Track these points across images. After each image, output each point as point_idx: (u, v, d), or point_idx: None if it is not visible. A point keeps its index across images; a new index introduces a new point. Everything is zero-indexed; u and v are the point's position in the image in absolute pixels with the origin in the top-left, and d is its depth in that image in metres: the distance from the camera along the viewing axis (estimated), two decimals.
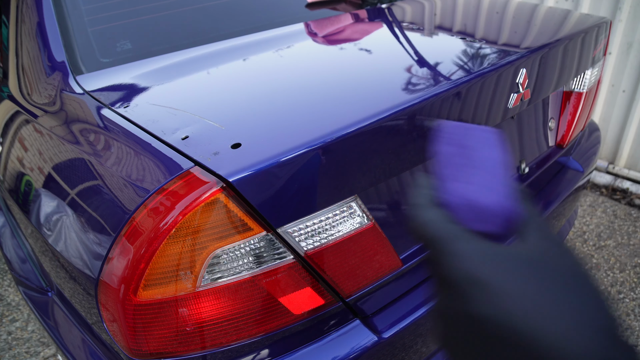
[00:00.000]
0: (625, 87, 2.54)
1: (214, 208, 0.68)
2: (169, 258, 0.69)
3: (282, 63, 1.07)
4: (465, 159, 0.36)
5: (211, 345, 0.76)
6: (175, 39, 1.19)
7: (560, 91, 1.45)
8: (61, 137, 0.94)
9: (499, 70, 0.98)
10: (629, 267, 2.05)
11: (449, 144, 0.38)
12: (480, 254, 0.31)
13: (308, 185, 0.74)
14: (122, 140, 0.82)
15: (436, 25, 1.33)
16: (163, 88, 0.97)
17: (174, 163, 0.72)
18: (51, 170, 0.94)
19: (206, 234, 0.69)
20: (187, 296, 0.72)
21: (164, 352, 0.75)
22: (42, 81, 1.11)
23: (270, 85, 0.94)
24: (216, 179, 0.67)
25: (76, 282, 0.86)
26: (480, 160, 0.36)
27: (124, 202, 0.73)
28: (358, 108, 0.81)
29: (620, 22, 2.43)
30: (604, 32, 1.41)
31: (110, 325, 0.76)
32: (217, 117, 0.81)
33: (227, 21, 1.30)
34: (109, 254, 0.72)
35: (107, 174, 0.78)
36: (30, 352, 1.77)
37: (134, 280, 0.69)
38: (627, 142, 2.60)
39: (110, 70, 1.08)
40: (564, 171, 1.50)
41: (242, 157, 0.70)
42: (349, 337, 0.87)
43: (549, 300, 0.28)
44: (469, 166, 0.36)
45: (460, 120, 0.95)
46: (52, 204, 0.91)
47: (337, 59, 1.08)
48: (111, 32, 1.16)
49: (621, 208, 2.45)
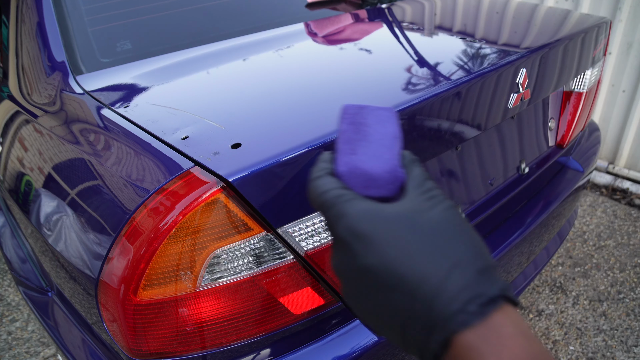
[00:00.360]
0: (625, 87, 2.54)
1: (214, 208, 0.68)
2: (169, 258, 0.69)
3: (282, 63, 1.07)
4: (359, 134, 0.40)
5: (211, 345, 0.76)
6: (175, 39, 1.19)
7: (560, 91, 1.45)
8: (61, 137, 0.94)
9: (499, 70, 0.98)
10: (629, 267, 2.05)
11: (347, 123, 0.42)
12: (363, 213, 0.34)
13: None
14: (122, 140, 0.82)
15: (436, 25, 1.33)
16: (163, 88, 0.97)
17: (174, 163, 0.72)
18: (51, 170, 0.94)
19: (206, 234, 0.69)
20: (187, 296, 0.72)
21: (164, 352, 0.75)
22: (42, 81, 1.11)
23: (270, 85, 0.94)
24: (216, 179, 0.67)
25: (76, 282, 0.86)
26: (374, 134, 0.40)
27: (124, 202, 0.73)
28: None
29: (620, 22, 2.43)
30: (604, 32, 1.41)
31: (110, 325, 0.76)
32: (217, 117, 0.81)
33: (227, 21, 1.30)
34: (109, 254, 0.72)
35: (107, 174, 0.78)
36: (30, 352, 1.77)
37: (134, 280, 0.69)
38: (627, 142, 2.60)
39: (110, 70, 1.08)
40: (564, 171, 1.50)
41: (242, 157, 0.70)
42: (349, 337, 0.87)
43: (427, 248, 0.32)
44: (362, 140, 0.40)
45: (460, 120, 0.95)
46: (52, 204, 0.91)
47: (337, 59, 1.08)
48: (111, 32, 1.16)
49: (621, 208, 2.45)
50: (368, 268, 0.33)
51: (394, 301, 0.32)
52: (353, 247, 0.33)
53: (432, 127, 0.89)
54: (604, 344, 1.70)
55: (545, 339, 1.73)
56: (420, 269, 0.31)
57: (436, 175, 1.06)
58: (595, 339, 1.72)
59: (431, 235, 0.33)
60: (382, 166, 0.38)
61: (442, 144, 0.95)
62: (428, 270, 0.31)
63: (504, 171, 1.27)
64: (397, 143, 0.40)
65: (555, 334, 1.75)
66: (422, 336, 0.30)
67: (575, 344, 1.71)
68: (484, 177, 1.21)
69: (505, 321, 0.29)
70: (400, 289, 0.31)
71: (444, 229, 0.33)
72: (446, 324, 0.29)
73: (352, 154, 0.39)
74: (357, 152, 0.39)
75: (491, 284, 0.31)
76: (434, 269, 0.31)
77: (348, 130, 0.41)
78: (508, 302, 0.31)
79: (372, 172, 0.37)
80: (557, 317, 1.82)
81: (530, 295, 1.92)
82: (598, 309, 1.85)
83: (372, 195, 0.37)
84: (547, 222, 1.35)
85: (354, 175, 0.37)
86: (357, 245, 0.33)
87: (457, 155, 1.11)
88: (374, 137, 0.40)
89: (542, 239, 1.39)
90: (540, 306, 1.87)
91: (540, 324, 1.79)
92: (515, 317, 0.30)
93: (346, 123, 0.42)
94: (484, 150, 1.19)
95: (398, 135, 0.41)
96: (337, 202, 0.35)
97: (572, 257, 2.12)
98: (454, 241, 0.33)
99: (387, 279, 0.32)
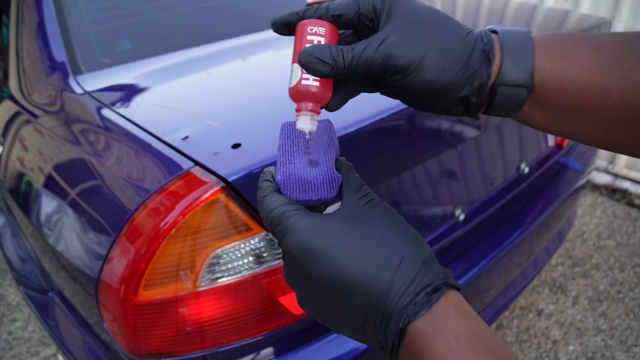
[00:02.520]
0: None
1: (214, 208, 0.68)
2: (169, 258, 0.69)
3: (282, 63, 1.07)
4: (295, 146, 0.43)
5: (211, 345, 0.77)
6: (175, 40, 1.19)
7: None
8: (61, 137, 0.94)
9: None
10: (628, 267, 2.05)
11: (284, 138, 0.44)
12: (308, 228, 0.36)
13: None
14: (123, 140, 0.82)
15: None
16: (163, 88, 0.98)
17: (174, 163, 0.72)
18: (52, 171, 0.94)
19: (206, 234, 0.69)
20: (187, 296, 0.72)
21: (164, 352, 0.75)
22: (43, 81, 1.11)
23: (270, 85, 0.94)
24: (216, 179, 0.68)
25: (76, 282, 0.86)
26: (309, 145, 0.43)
27: (124, 202, 0.73)
28: (358, 108, 0.81)
29: (619, 22, 2.44)
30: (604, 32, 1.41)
31: (110, 325, 0.76)
32: (217, 117, 0.81)
33: (227, 21, 1.30)
34: (109, 254, 0.72)
35: (108, 174, 0.79)
36: (30, 352, 1.78)
37: (134, 280, 0.69)
38: None
39: (111, 70, 1.08)
40: (564, 171, 1.50)
41: (242, 157, 0.70)
42: None
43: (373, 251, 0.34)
44: (298, 151, 0.42)
45: (460, 120, 0.95)
46: (52, 204, 0.91)
47: None
48: (111, 32, 1.16)
49: (620, 208, 2.45)
50: (320, 277, 0.35)
51: (349, 303, 0.34)
52: (303, 261, 0.35)
53: (432, 127, 0.89)
54: (604, 344, 1.71)
55: (545, 339, 1.74)
56: (369, 270, 0.34)
57: (436, 176, 1.06)
58: (594, 339, 1.73)
59: (374, 238, 0.35)
60: (317, 170, 0.40)
61: (442, 144, 0.95)
62: (377, 271, 0.33)
63: (503, 171, 1.27)
64: (332, 150, 0.43)
65: (555, 333, 1.76)
66: (380, 330, 0.33)
67: (575, 343, 1.71)
68: (484, 178, 1.21)
69: (448, 305, 0.32)
70: (353, 292, 0.34)
71: (385, 230, 0.36)
72: (399, 316, 0.32)
73: (288, 163, 0.41)
74: (293, 161, 0.41)
75: (435, 274, 0.34)
76: (381, 269, 0.34)
77: (285, 144, 0.43)
78: (451, 287, 0.34)
79: (308, 176, 0.40)
80: (556, 316, 1.83)
81: (530, 295, 1.92)
82: (598, 308, 1.85)
83: (311, 198, 0.39)
84: (546, 222, 1.35)
85: (291, 181, 0.39)
86: (307, 259, 0.35)
87: (457, 155, 1.11)
88: (309, 147, 0.43)
89: (541, 239, 1.39)
90: (540, 306, 1.87)
91: (540, 324, 1.80)
92: (457, 300, 0.34)
93: (283, 138, 0.44)
94: (483, 151, 1.19)
95: (333, 144, 0.44)
96: (282, 219, 0.37)
97: (571, 257, 2.12)
98: (396, 240, 0.35)
99: (340, 284, 0.34)
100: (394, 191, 0.94)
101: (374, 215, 0.36)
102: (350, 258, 0.34)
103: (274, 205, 0.38)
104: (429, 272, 0.34)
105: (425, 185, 1.02)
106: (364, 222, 0.36)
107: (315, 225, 0.36)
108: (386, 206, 0.38)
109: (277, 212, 0.37)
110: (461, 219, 1.11)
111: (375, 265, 0.34)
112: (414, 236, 0.36)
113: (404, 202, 0.96)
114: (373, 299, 0.33)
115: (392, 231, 0.36)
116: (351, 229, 0.35)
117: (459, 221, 1.11)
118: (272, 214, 0.37)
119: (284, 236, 0.36)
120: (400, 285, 0.33)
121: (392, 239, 0.35)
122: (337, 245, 0.35)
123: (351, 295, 0.34)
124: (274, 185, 0.40)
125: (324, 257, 0.34)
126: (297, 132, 0.45)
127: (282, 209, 0.37)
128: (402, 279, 0.33)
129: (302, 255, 0.35)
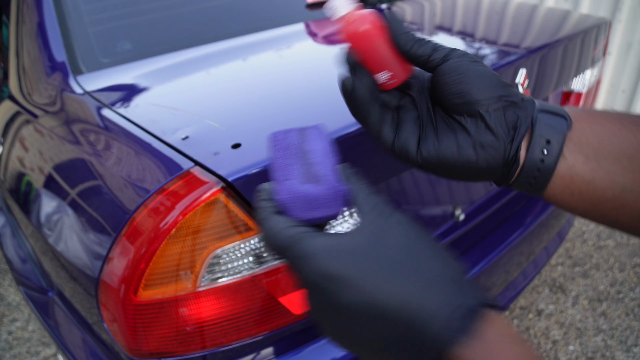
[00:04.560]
0: (624, 87, 2.54)
1: (214, 208, 0.68)
2: (169, 258, 0.69)
3: (283, 63, 1.07)
4: (290, 158, 0.38)
5: (211, 345, 0.77)
6: (175, 39, 1.19)
7: (560, 91, 1.45)
8: (61, 137, 0.94)
9: (498, 70, 0.99)
10: (628, 267, 2.05)
11: (276, 150, 0.40)
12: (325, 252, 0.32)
13: None
14: (123, 140, 0.82)
15: (436, 25, 1.33)
16: (163, 88, 0.98)
17: (174, 163, 0.72)
18: (51, 170, 0.94)
19: (206, 234, 0.69)
20: (187, 296, 0.72)
21: (164, 352, 0.75)
22: (43, 81, 1.11)
23: (271, 85, 0.94)
24: (216, 179, 0.68)
25: (76, 282, 0.86)
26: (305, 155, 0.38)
27: (124, 202, 0.73)
28: None
29: (619, 22, 2.44)
30: (604, 32, 1.42)
31: (110, 325, 0.76)
32: (217, 117, 0.82)
33: (227, 21, 1.30)
34: (109, 254, 0.72)
35: (107, 174, 0.79)
36: (30, 352, 1.78)
37: (134, 280, 0.69)
38: None
39: (111, 70, 1.08)
40: None
41: (243, 157, 0.70)
42: None
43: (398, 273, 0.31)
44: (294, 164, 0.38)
45: None
46: (52, 204, 0.91)
47: (337, 59, 1.08)
48: (111, 32, 1.16)
49: None
50: (346, 305, 0.32)
51: (378, 331, 0.32)
52: (326, 288, 0.32)
53: None
54: (604, 344, 1.71)
55: (545, 339, 1.74)
56: (397, 295, 0.31)
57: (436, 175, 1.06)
58: (594, 339, 1.73)
59: (399, 259, 0.32)
60: (320, 184, 0.36)
61: None
62: (405, 294, 0.31)
63: None
64: (330, 159, 0.39)
65: (555, 333, 1.76)
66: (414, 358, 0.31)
67: (575, 343, 1.72)
68: None
69: (489, 328, 0.30)
70: (382, 319, 0.31)
71: (409, 248, 0.33)
72: (434, 343, 0.30)
73: (286, 179, 0.37)
74: (290, 176, 0.37)
75: (468, 294, 0.31)
76: (410, 292, 0.31)
77: (277, 156, 0.39)
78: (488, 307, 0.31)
79: (311, 192, 0.35)
80: (556, 316, 1.83)
81: (529, 295, 1.92)
82: (597, 308, 1.85)
83: (318, 216, 0.36)
84: (546, 222, 1.35)
85: (294, 200, 0.35)
86: (331, 286, 0.32)
87: None
88: (306, 158, 0.38)
89: (541, 239, 1.39)
90: (540, 306, 1.88)
91: (540, 324, 1.80)
92: (500, 322, 0.31)
93: (275, 150, 0.40)
94: None
95: (329, 151, 0.39)
96: (292, 244, 0.33)
97: (571, 257, 2.12)
98: (421, 258, 0.32)
99: (367, 311, 0.31)
100: (394, 191, 0.94)
101: (393, 230, 0.34)
102: (376, 283, 0.31)
103: (278, 228, 0.34)
104: (460, 292, 0.31)
105: (425, 185, 1.02)
106: (384, 239, 0.33)
107: (334, 248, 0.32)
108: (404, 219, 0.35)
109: (284, 236, 0.34)
110: (461, 219, 1.11)
111: (403, 288, 0.31)
112: (439, 251, 0.34)
113: (404, 202, 0.96)
114: (403, 325, 0.30)
115: (416, 249, 0.33)
116: (372, 249, 0.32)
117: (458, 221, 1.11)
118: (278, 238, 0.34)
119: (300, 263, 0.33)
120: (430, 309, 0.30)
121: (417, 257, 0.32)
122: (362, 269, 0.32)
123: (379, 322, 0.31)
124: (273, 205, 0.36)
125: (350, 283, 0.31)
126: (288, 142, 0.40)
127: (289, 232, 0.34)
128: (436, 301, 0.30)
129: (325, 282, 0.32)
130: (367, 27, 0.39)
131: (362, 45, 0.40)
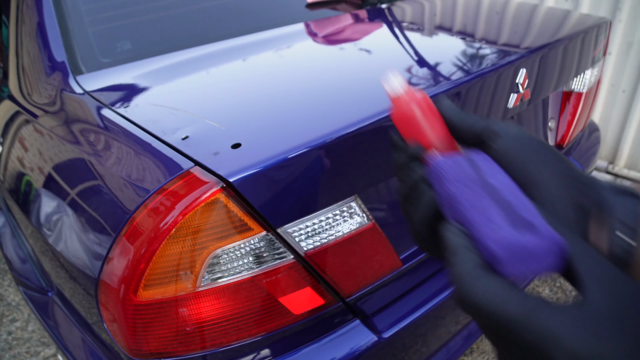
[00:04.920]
0: (625, 87, 2.54)
1: (214, 208, 0.68)
2: (169, 258, 0.69)
3: (282, 63, 1.07)
4: (480, 195, 0.30)
5: (211, 345, 0.77)
6: (175, 39, 1.19)
7: (560, 91, 1.45)
8: (61, 137, 0.94)
9: (499, 71, 0.99)
10: None
11: (452, 182, 0.31)
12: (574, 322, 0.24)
13: (308, 185, 0.74)
14: (122, 140, 0.82)
15: (436, 25, 1.33)
16: (163, 88, 0.97)
17: (174, 163, 0.72)
18: (51, 170, 0.94)
19: (206, 234, 0.69)
20: (187, 296, 0.72)
21: (164, 352, 0.75)
22: (43, 81, 1.11)
23: (270, 85, 0.94)
24: (216, 179, 0.67)
25: (76, 282, 0.86)
26: (495, 191, 0.30)
27: (124, 202, 0.73)
28: (358, 108, 0.81)
29: (620, 22, 2.43)
30: (604, 32, 1.41)
31: (110, 325, 0.76)
32: (217, 117, 0.81)
33: (227, 21, 1.30)
34: (109, 254, 0.72)
35: (107, 174, 0.78)
36: (30, 352, 1.78)
37: (134, 280, 0.69)
38: (627, 142, 2.60)
39: (110, 70, 1.08)
40: None
41: (242, 157, 0.70)
42: (349, 337, 0.87)
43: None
44: (493, 205, 0.29)
45: None
46: (52, 204, 0.91)
47: (337, 59, 1.08)
48: (111, 32, 1.16)
49: None
50: None
51: None
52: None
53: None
54: None
55: None
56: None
57: None
58: None
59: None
60: (534, 233, 0.28)
61: None
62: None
63: None
64: (525, 197, 0.30)
65: None
66: None
67: None
68: None
69: None
70: None
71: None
72: None
73: (492, 224, 0.28)
74: (494, 220, 0.28)
75: None
76: None
77: (460, 191, 0.30)
78: None
79: (532, 243, 0.27)
80: None
81: None
82: None
83: (535, 274, 0.28)
84: None
85: (511, 253, 0.27)
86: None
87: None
88: (496, 195, 0.30)
89: None
90: None
91: None
92: None
93: (449, 183, 0.31)
94: None
95: (516, 186, 0.31)
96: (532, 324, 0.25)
97: None
98: None
99: None
100: (394, 191, 0.94)
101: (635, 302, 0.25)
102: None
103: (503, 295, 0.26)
104: None
105: None
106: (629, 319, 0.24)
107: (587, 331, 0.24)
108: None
109: (515, 306, 0.25)
110: None
111: None
112: None
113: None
114: None
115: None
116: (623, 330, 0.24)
117: None
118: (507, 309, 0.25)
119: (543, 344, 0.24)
120: None
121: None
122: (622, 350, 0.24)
123: None
124: (477, 254, 0.28)
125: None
126: (466, 172, 0.32)
127: (523, 306, 0.25)
128: None
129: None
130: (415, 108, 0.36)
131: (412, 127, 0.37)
